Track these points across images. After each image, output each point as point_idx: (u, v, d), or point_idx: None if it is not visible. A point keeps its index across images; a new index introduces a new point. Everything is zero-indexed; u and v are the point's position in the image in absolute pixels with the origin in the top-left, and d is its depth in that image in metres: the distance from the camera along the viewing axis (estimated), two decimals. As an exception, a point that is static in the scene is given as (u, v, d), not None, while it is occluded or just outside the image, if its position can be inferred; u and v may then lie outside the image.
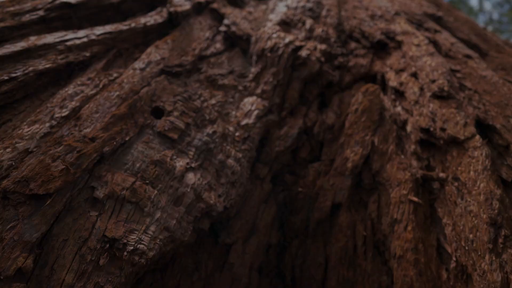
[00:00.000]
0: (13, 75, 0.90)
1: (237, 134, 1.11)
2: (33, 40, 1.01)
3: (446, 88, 1.11)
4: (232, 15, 1.58)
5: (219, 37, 1.46)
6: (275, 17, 1.59)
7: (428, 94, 1.13)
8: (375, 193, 1.05)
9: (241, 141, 1.10)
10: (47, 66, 0.97)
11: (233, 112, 1.18)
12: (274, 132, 1.22)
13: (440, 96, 1.11)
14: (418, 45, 1.35)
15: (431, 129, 1.04)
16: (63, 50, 1.04)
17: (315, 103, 1.31)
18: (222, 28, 1.47)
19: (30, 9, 1.16)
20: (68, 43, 1.06)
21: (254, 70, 1.33)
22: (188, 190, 0.89)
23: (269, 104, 1.24)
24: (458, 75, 1.27)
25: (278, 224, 1.09)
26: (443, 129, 1.02)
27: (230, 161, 1.03)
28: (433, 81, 1.15)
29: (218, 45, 1.40)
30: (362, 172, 1.09)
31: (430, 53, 1.30)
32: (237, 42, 1.46)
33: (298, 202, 1.09)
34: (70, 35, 1.10)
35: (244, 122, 1.15)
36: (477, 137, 0.98)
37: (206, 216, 0.91)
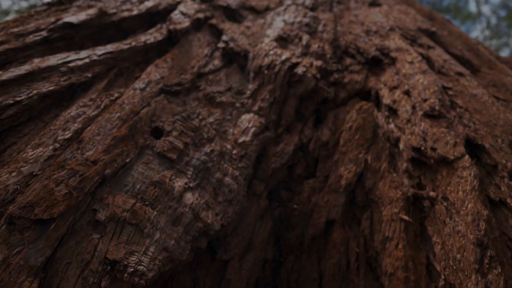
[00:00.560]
0: (18, 98, 0.93)
1: (234, 152, 1.14)
2: (37, 63, 1.05)
3: (437, 107, 1.15)
4: (230, 30, 1.61)
5: (217, 53, 1.49)
6: (272, 32, 1.63)
7: (420, 113, 1.16)
8: (368, 210, 1.09)
9: (238, 159, 1.13)
10: (51, 88, 1.00)
11: (231, 130, 1.21)
12: (270, 148, 1.25)
13: (431, 115, 1.14)
14: (411, 63, 1.39)
15: (422, 148, 1.07)
16: (66, 72, 1.07)
17: (311, 120, 1.34)
18: (221, 45, 1.50)
19: (33, 30, 1.20)
20: (71, 65, 1.10)
21: (251, 86, 1.37)
22: (187, 210, 0.92)
23: (266, 121, 1.27)
24: (450, 92, 1.31)
25: (273, 239, 1.12)
26: (433, 149, 1.05)
27: (228, 179, 1.07)
28: (425, 100, 1.19)
29: (216, 62, 1.44)
30: (356, 189, 1.12)
31: (423, 71, 1.33)
32: (235, 58, 1.49)
33: (294, 218, 1.12)
34: (72, 56, 1.13)
35: (241, 139, 1.18)
36: (466, 157, 1.01)
37: (203, 235, 0.94)
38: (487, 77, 1.46)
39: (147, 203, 0.87)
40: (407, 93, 1.28)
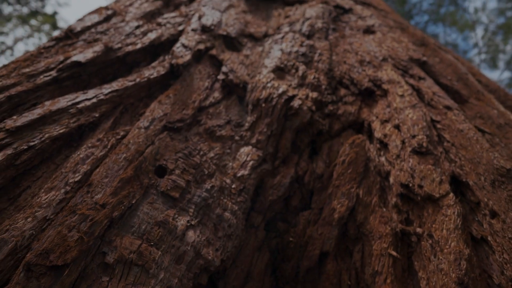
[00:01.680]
0: (32, 143, 1.00)
1: (233, 186, 1.21)
2: (48, 106, 1.11)
3: (425, 144, 1.21)
4: (230, 61, 1.69)
5: (217, 85, 1.56)
6: (270, 63, 1.70)
7: (409, 149, 1.23)
8: (360, 242, 1.15)
9: (237, 193, 1.20)
10: (61, 131, 1.07)
11: (230, 164, 1.28)
12: (267, 180, 1.32)
13: (419, 152, 1.21)
14: (402, 96, 1.46)
15: (410, 185, 1.14)
16: (75, 113, 1.14)
17: (306, 151, 1.41)
18: (220, 76, 1.57)
19: (43, 70, 1.27)
20: (79, 106, 1.16)
21: (249, 119, 1.44)
22: (189, 248, 0.98)
23: (263, 154, 1.34)
24: (438, 126, 1.38)
25: (270, 270, 1.19)
26: (420, 186, 1.12)
27: (227, 214, 1.13)
28: (414, 136, 1.25)
29: (216, 94, 1.51)
30: (348, 222, 1.19)
31: (413, 105, 1.40)
32: (234, 89, 1.56)
33: (289, 250, 1.18)
34: (80, 96, 1.20)
35: (240, 173, 1.25)
36: (451, 195, 1.08)
37: (204, 271, 1.01)
38: (475, 108, 1.53)
39: (152, 243, 0.93)
40: (397, 127, 1.35)
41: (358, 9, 2.29)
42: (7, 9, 16.61)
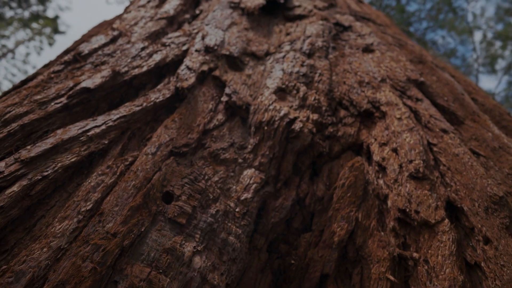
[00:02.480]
0: (45, 173, 1.05)
1: (237, 209, 1.26)
2: (60, 134, 1.16)
3: (421, 170, 1.26)
4: (233, 81, 1.74)
5: (221, 106, 1.61)
6: (271, 83, 1.75)
7: (406, 173, 1.28)
8: (359, 265, 1.20)
9: (241, 217, 1.25)
10: (73, 160, 1.12)
11: (234, 187, 1.33)
12: (270, 202, 1.37)
13: (416, 177, 1.26)
14: (399, 119, 1.50)
15: (407, 210, 1.18)
16: (86, 141, 1.19)
17: (307, 173, 1.46)
18: (224, 98, 1.62)
19: (54, 96, 1.32)
20: (90, 133, 1.21)
21: (252, 141, 1.48)
22: (195, 274, 1.03)
23: (266, 176, 1.39)
24: (435, 149, 1.42)
25: (273, 291, 1.23)
26: (417, 212, 1.16)
27: (231, 238, 1.18)
28: (411, 161, 1.30)
29: (220, 116, 1.56)
30: (347, 245, 1.23)
31: (410, 128, 1.45)
32: (237, 111, 1.61)
33: (291, 272, 1.23)
34: (90, 123, 1.25)
35: (243, 197, 1.30)
36: (446, 221, 1.12)
37: (210, 296, 1.05)
38: (470, 130, 1.58)
39: (161, 270, 0.98)
40: (395, 150, 1.40)
41: (357, 27, 2.34)
42: (8, 13, 16.68)
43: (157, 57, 1.73)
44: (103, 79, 1.43)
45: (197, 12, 2.53)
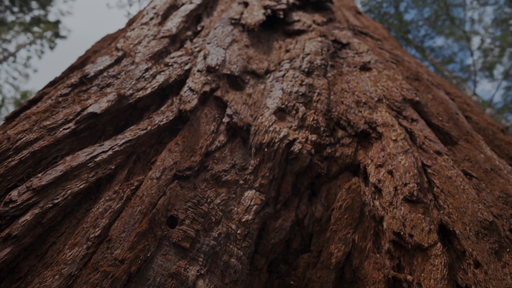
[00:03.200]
0: (56, 201, 1.10)
1: (238, 231, 1.31)
2: (69, 161, 1.21)
3: (415, 193, 1.31)
4: (234, 102, 1.79)
5: (222, 127, 1.66)
6: (271, 103, 1.80)
7: (401, 196, 1.33)
8: (355, 286, 1.25)
9: (242, 239, 1.30)
10: (81, 186, 1.17)
11: (235, 209, 1.38)
12: (270, 223, 1.42)
13: (410, 200, 1.31)
14: (395, 140, 1.56)
15: (402, 233, 1.24)
16: (93, 167, 1.24)
17: (306, 194, 1.51)
18: (225, 120, 1.67)
19: (62, 122, 1.37)
20: (97, 159, 1.26)
21: (253, 162, 1.54)
22: (199, 297, 1.08)
23: (266, 198, 1.44)
24: (429, 170, 1.48)
25: (273, 311, 1.28)
26: (411, 235, 1.21)
27: (233, 260, 1.23)
28: (405, 185, 1.35)
29: (222, 137, 1.61)
30: (344, 266, 1.28)
31: (405, 150, 1.50)
32: (238, 132, 1.66)
33: (290, 292, 1.28)
34: (97, 149, 1.30)
35: (244, 218, 1.35)
36: (439, 245, 1.17)
37: (213, 318, 1.10)
38: (464, 150, 1.63)
39: (166, 295, 1.03)
40: (390, 173, 1.45)
41: (355, 44, 2.39)
42: (10, 18, 16.77)
43: (160, 78, 1.78)
44: (109, 103, 1.49)
45: (199, 28, 2.59)
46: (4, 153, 1.20)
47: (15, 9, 15.38)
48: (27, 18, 17.32)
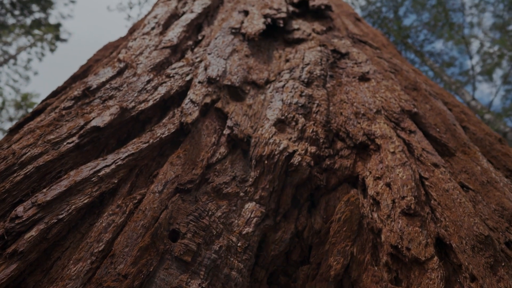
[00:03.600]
0: (60, 216, 1.12)
1: (239, 244, 1.33)
2: (73, 176, 1.24)
3: (413, 206, 1.34)
4: (234, 113, 1.82)
5: (223, 139, 1.69)
6: (271, 115, 1.83)
7: (398, 210, 1.35)
8: (354, 298, 1.27)
9: (243, 251, 1.32)
10: (85, 201, 1.20)
11: (236, 221, 1.40)
12: (270, 235, 1.44)
13: (408, 214, 1.33)
14: (393, 153, 1.58)
15: (399, 246, 1.26)
16: (97, 182, 1.27)
17: (305, 206, 1.53)
18: (226, 131, 1.70)
19: (66, 136, 1.40)
20: (100, 174, 1.29)
21: (253, 174, 1.56)
22: (200, 311, 1.10)
23: (266, 210, 1.46)
24: (427, 183, 1.50)
25: (273, 322, 1.30)
26: (408, 249, 1.24)
27: (234, 273, 1.25)
28: (403, 198, 1.38)
29: (222, 149, 1.64)
30: (343, 279, 1.30)
31: (403, 163, 1.53)
32: (238, 143, 1.69)
33: (290, 304, 1.30)
34: (101, 163, 1.33)
35: (245, 231, 1.37)
36: (435, 258, 1.20)
37: (214, 331, 1.12)
38: (461, 162, 1.65)
39: (168, 309, 1.05)
40: (388, 185, 1.47)
41: (354, 54, 2.42)
42: (10, 21, 16.83)
43: (162, 90, 1.81)
44: (111, 117, 1.51)
45: (200, 37, 2.62)
46: (10, 168, 1.22)
47: (16, 12, 15.44)
48: (28, 21, 17.37)
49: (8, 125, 19.85)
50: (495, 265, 1.16)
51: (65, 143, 1.36)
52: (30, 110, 20.00)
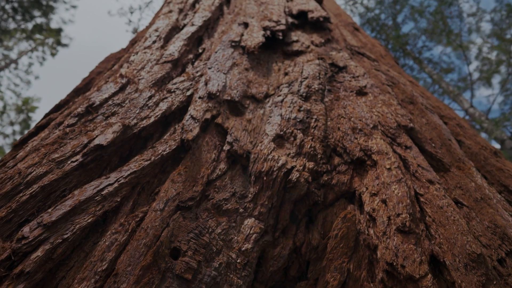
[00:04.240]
0: (65, 236, 1.16)
1: (238, 260, 1.36)
2: (77, 196, 1.28)
3: (408, 224, 1.37)
4: (234, 128, 1.86)
5: (223, 155, 1.73)
6: (270, 130, 1.87)
7: (394, 227, 1.39)
8: (350, 314, 1.30)
9: (242, 268, 1.35)
10: (89, 220, 1.23)
11: (235, 237, 1.44)
12: (268, 251, 1.47)
13: (403, 231, 1.37)
14: (389, 169, 1.62)
15: (394, 264, 1.29)
16: (100, 201, 1.30)
17: (303, 221, 1.57)
18: (226, 147, 1.74)
19: (70, 154, 1.44)
20: (104, 192, 1.33)
21: (252, 190, 1.60)
22: (200, 329, 1.13)
23: (265, 226, 1.50)
24: (422, 199, 1.54)
25: (271, 338, 1.33)
26: (403, 266, 1.27)
27: (233, 290, 1.29)
28: (398, 215, 1.41)
29: (222, 165, 1.67)
30: (340, 295, 1.34)
31: (398, 180, 1.56)
32: (238, 159, 1.73)
33: (288, 320, 1.33)
34: (104, 182, 1.36)
35: (244, 247, 1.40)
36: (429, 276, 1.23)
37: None
38: (456, 178, 1.69)
39: (170, 328, 1.09)
40: (384, 202, 1.51)
41: (351, 67, 2.47)
42: (12, 25, 16.93)
43: (163, 106, 1.85)
44: (114, 135, 1.55)
45: (200, 50, 2.67)
46: (16, 188, 1.26)
47: (18, 17, 15.54)
48: (29, 25, 17.48)
49: (9, 130, 19.89)
50: (487, 283, 1.19)
51: (69, 162, 1.40)
52: (31, 114, 20.06)
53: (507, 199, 1.72)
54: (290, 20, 3.25)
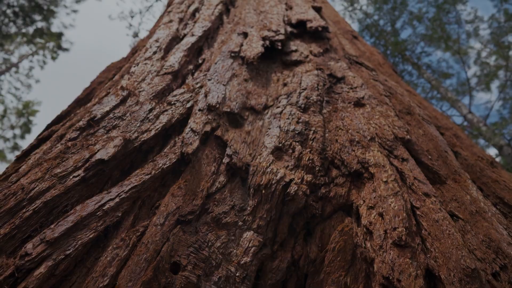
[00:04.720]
0: (68, 252, 1.18)
1: (237, 274, 1.39)
2: (79, 211, 1.30)
3: (404, 238, 1.40)
4: (233, 141, 1.88)
5: (222, 167, 1.75)
6: (269, 142, 1.90)
7: (390, 241, 1.41)
8: (347, 328, 1.32)
9: (241, 281, 1.38)
10: (91, 236, 1.26)
11: (234, 251, 1.46)
12: (267, 264, 1.50)
13: (399, 245, 1.39)
14: (386, 182, 1.64)
15: (390, 278, 1.32)
16: (102, 216, 1.33)
17: (301, 234, 1.59)
18: (225, 160, 1.76)
19: (72, 169, 1.46)
20: (105, 207, 1.35)
21: (251, 203, 1.62)
22: None
23: (264, 239, 1.52)
24: (418, 212, 1.56)
25: None
26: (399, 280, 1.29)
27: (232, 303, 1.31)
28: (394, 229, 1.44)
29: (222, 178, 1.70)
30: (337, 309, 1.36)
31: (395, 193, 1.59)
32: (237, 171, 1.75)
33: (286, 333, 1.35)
34: (105, 197, 1.39)
35: (243, 261, 1.43)
36: (424, 290, 1.25)
37: None
38: (451, 190, 1.72)
39: None
40: (381, 215, 1.53)
41: (350, 78, 2.50)
42: (13, 29, 17.00)
43: (163, 119, 1.88)
44: (115, 149, 1.58)
45: (200, 61, 2.70)
46: (19, 204, 1.28)
47: (19, 21, 15.62)
48: (30, 30, 17.56)
49: (9, 133, 19.91)
50: (481, 298, 1.21)
51: (71, 177, 1.43)
52: (31, 118, 20.10)
53: (502, 211, 1.75)
54: (289, 29, 3.28)
